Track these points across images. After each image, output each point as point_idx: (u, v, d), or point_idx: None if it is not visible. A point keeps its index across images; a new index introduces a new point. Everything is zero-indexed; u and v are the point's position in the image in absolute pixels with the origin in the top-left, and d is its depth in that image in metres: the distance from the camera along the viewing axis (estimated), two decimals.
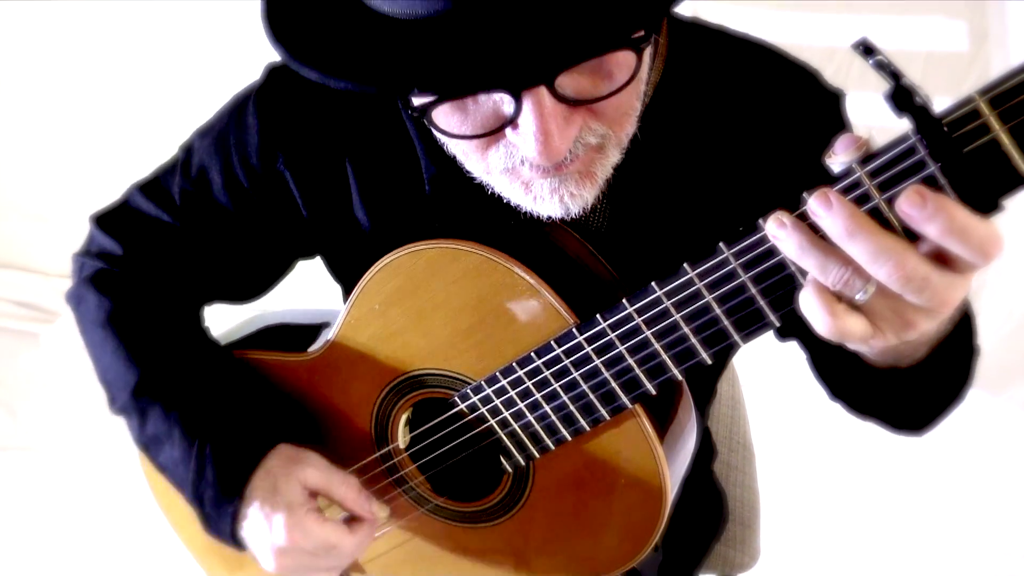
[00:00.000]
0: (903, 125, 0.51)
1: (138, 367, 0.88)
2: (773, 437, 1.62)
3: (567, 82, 0.60)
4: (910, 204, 0.50)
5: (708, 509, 1.14)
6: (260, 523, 0.82)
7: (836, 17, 1.84)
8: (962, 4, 1.71)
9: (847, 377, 0.82)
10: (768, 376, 1.79)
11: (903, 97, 0.49)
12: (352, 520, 0.85)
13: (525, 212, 0.75)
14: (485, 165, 0.68)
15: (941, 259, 0.52)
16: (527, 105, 0.59)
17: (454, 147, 0.71)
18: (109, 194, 0.98)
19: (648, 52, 0.64)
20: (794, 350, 0.87)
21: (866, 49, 0.50)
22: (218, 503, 0.83)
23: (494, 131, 0.63)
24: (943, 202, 0.50)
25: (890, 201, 0.53)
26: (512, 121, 0.61)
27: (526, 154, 0.63)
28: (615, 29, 0.56)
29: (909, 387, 0.73)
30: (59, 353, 2.24)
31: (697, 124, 0.79)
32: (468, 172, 0.72)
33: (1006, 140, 0.49)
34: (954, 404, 0.79)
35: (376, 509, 0.86)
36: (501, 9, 0.55)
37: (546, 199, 0.68)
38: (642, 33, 0.59)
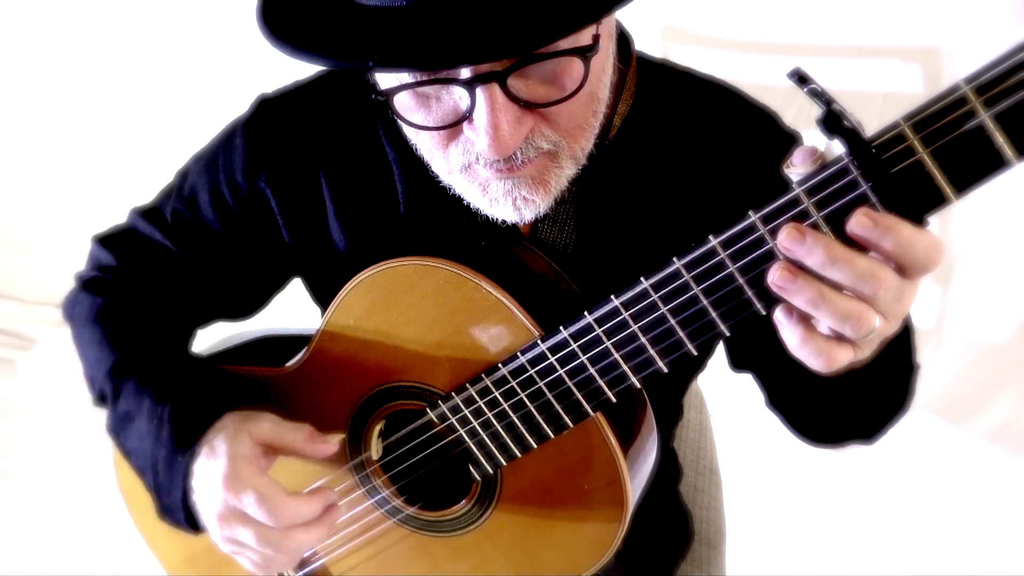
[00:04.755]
0: None
1: (118, 350, 0.91)
2: (741, 463, 1.66)
3: (520, 86, 0.66)
4: (861, 227, 0.55)
5: (674, 528, 1.17)
6: (204, 477, 0.80)
7: (799, 60, 1.90)
8: (917, 49, 1.79)
9: (799, 397, 0.87)
10: (736, 403, 1.83)
11: (833, 121, 0.54)
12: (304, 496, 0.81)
13: (495, 233, 0.79)
14: (446, 163, 0.73)
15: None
16: (480, 98, 0.65)
17: (420, 144, 0.76)
18: (92, 222, 1.02)
19: (597, 64, 0.69)
20: None
21: (800, 78, 0.55)
22: (170, 464, 0.82)
23: (452, 124, 0.69)
24: (890, 222, 0.55)
25: (827, 218, 0.58)
26: (468, 116, 0.66)
27: (478, 148, 0.68)
28: (556, 27, 0.61)
29: (861, 388, 0.77)
30: (35, 380, 2.24)
31: (661, 155, 0.84)
32: (435, 176, 0.77)
33: (929, 161, 0.55)
34: (898, 413, 0.84)
35: (331, 439, 0.83)
36: (461, 5, 0.60)
37: (500, 201, 0.73)
38: (590, 43, 0.65)
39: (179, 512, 0.83)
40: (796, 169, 0.58)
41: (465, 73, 0.64)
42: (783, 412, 0.90)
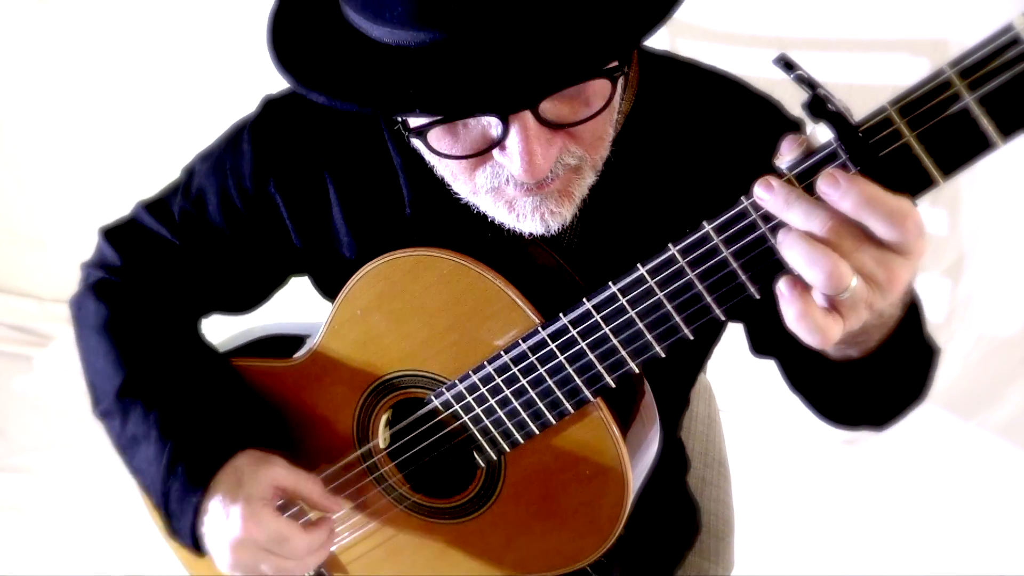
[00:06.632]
0: None
1: (125, 369, 0.93)
2: (749, 456, 1.66)
3: (549, 108, 0.67)
4: (827, 184, 0.56)
5: (681, 519, 1.18)
6: (219, 515, 0.85)
7: (807, 54, 1.91)
8: (926, 42, 1.79)
9: (815, 382, 0.87)
10: (744, 397, 1.83)
11: (818, 105, 0.55)
12: (310, 524, 0.89)
13: (500, 229, 0.81)
14: (472, 185, 0.74)
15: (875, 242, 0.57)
16: (514, 128, 0.66)
17: (443, 169, 0.76)
18: (107, 220, 1.03)
19: (621, 81, 0.70)
20: (769, 375, 0.92)
21: (786, 64, 0.56)
22: (183, 497, 0.87)
23: (482, 152, 0.70)
24: (854, 179, 0.55)
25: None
26: (500, 143, 0.67)
27: (513, 172, 0.69)
28: (592, 60, 0.62)
29: (866, 376, 0.78)
30: (52, 376, 2.27)
31: (664, 150, 0.85)
32: (455, 193, 0.78)
33: (916, 145, 0.56)
34: (914, 401, 0.84)
35: (341, 503, 0.91)
36: (490, 40, 0.61)
37: (528, 216, 0.74)
38: (616, 64, 0.65)
39: (187, 538, 0.88)
40: (785, 159, 0.60)
41: None
42: (803, 393, 0.90)
